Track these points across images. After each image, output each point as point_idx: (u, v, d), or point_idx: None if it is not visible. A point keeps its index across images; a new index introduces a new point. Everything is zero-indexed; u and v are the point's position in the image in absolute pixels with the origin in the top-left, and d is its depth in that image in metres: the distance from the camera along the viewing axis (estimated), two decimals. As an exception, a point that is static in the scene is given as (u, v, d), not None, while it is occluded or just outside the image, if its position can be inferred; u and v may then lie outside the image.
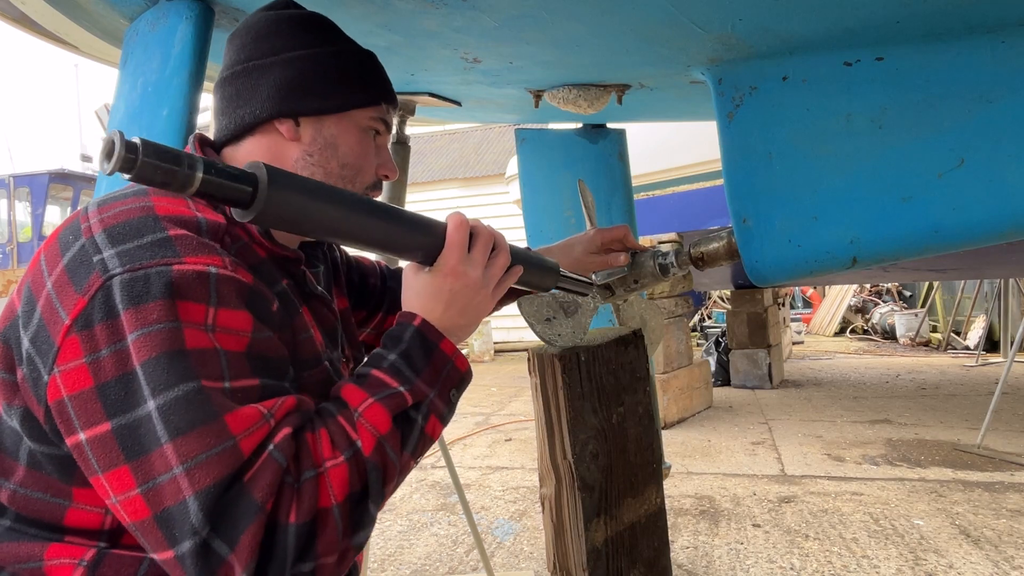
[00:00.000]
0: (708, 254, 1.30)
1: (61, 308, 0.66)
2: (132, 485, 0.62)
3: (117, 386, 0.63)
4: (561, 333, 1.17)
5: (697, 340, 9.11)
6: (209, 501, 0.61)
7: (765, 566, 2.49)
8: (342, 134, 0.88)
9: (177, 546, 0.62)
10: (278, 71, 0.85)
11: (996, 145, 1.12)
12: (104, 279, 0.65)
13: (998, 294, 7.84)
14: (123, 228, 0.69)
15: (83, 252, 0.68)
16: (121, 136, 0.53)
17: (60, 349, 0.65)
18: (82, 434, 0.64)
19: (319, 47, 0.87)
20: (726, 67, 1.40)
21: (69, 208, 12.61)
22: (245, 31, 0.89)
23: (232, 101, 0.86)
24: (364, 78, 0.90)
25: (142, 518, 0.63)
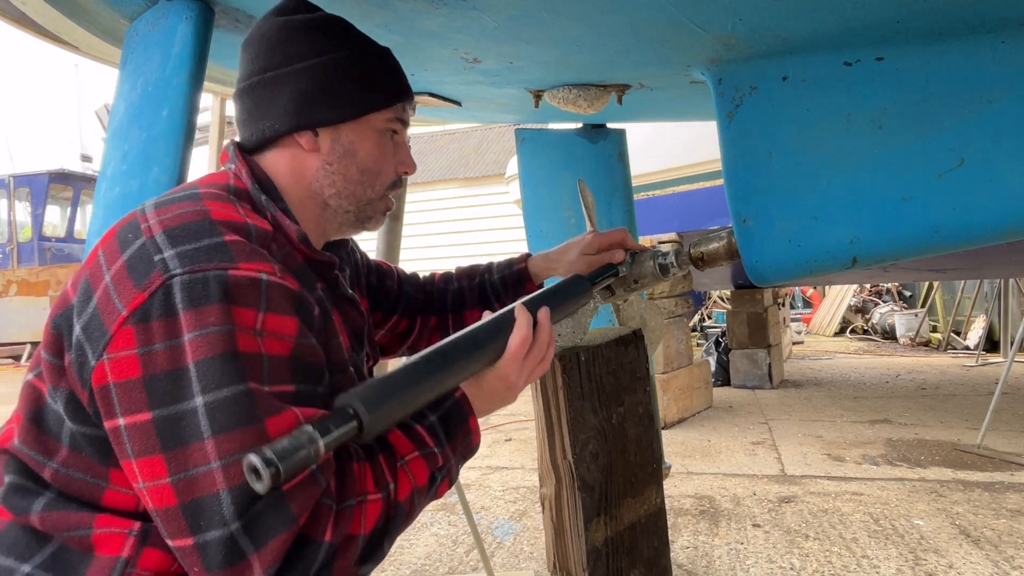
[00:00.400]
0: (708, 254, 1.30)
1: (118, 300, 0.69)
2: (163, 474, 0.66)
3: (165, 380, 0.67)
4: (561, 333, 1.17)
5: (697, 340, 9.11)
6: (243, 498, 0.65)
7: (765, 566, 2.49)
8: (360, 140, 0.90)
9: (200, 534, 0.65)
10: (292, 83, 0.86)
11: (996, 145, 1.12)
12: (165, 278, 0.69)
13: (998, 294, 7.84)
14: (182, 230, 0.73)
15: (143, 250, 0.72)
16: (262, 463, 0.58)
17: (113, 337, 0.68)
18: (121, 419, 0.67)
19: (332, 53, 0.87)
20: (726, 67, 1.40)
21: (69, 208, 12.61)
22: (258, 39, 0.90)
23: (251, 114, 0.89)
24: (378, 80, 0.91)
25: (167, 505, 0.66)
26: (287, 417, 0.69)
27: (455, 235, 10.45)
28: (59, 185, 12.28)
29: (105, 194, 1.25)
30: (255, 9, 1.24)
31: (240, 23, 1.30)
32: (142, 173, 1.19)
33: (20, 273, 11.07)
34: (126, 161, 1.22)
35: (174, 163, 1.17)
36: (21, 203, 12.21)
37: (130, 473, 0.69)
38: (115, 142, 1.27)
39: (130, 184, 1.20)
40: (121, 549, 0.73)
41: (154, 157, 1.18)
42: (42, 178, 11.98)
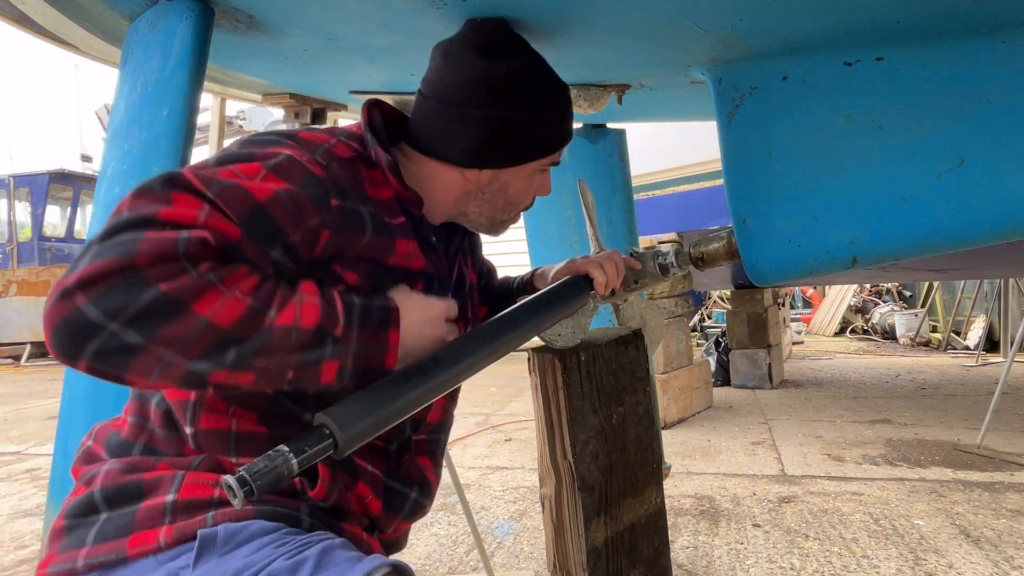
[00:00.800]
0: (708, 254, 1.30)
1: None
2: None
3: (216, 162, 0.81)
4: (561, 333, 1.17)
5: (697, 340, 9.11)
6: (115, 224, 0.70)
7: (765, 566, 2.49)
8: (515, 179, 1.01)
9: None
10: (473, 128, 0.95)
11: (996, 145, 1.12)
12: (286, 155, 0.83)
13: (998, 294, 7.84)
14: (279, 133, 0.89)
15: (312, 137, 0.90)
16: (236, 482, 0.67)
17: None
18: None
19: (518, 108, 0.96)
20: (726, 67, 1.40)
21: (69, 208, 12.60)
22: (458, 67, 0.98)
23: (431, 127, 0.98)
24: (550, 133, 1.01)
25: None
26: (192, 203, 0.73)
27: (455, 235, 10.44)
28: (59, 185, 12.28)
29: (105, 194, 1.25)
30: (255, 9, 1.24)
31: (240, 23, 1.30)
32: (142, 173, 1.19)
33: (20, 273, 11.07)
34: (126, 161, 1.22)
35: (174, 163, 1.17)
36: (21, 203, 12.21)
37: None
38: (115, 142, 1.27)
39: (130, 184, 1.20)
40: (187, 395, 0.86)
41: (154, 157, 1.18)
42: (42, 178, 11.97)
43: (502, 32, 1.04)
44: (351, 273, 0.86)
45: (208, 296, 0.68)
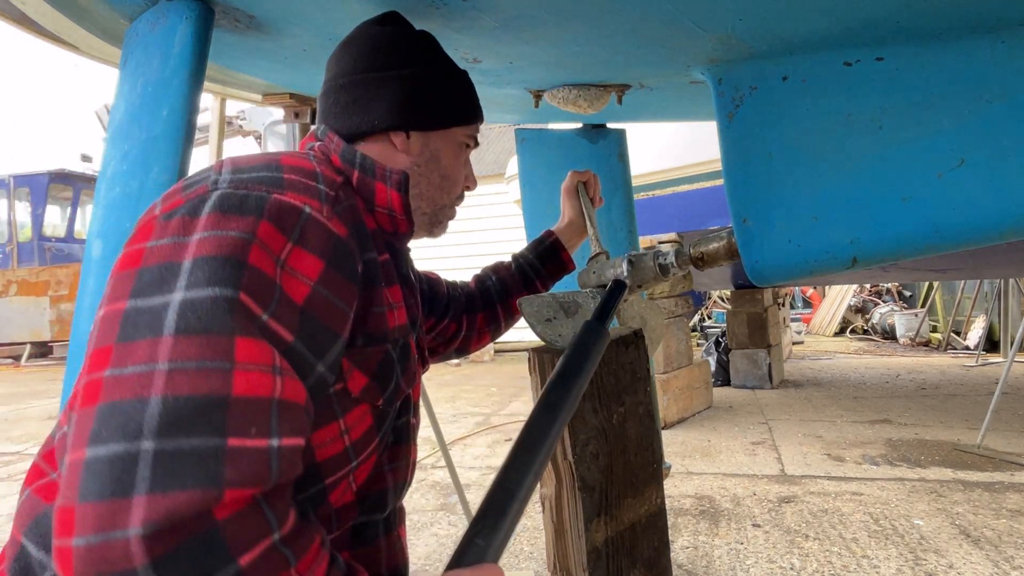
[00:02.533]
0: (708, 254, 1.30)
1: (159, 205, 0.67)
2: (103, 366, 0.54)
3: (157, 271, 0.58)
4: (562, 333, 1.17)
5: (697, 340, 9.11)
6: (174, 416, 0.50)
7: (765, 566, 2.49)
8: (444, 148, 0.98)
9: (94, 447, 0.49)
10: (394, 86, 0.92)
11: (996, 145, 1.12)
12: (209, 189, 0.66)
13: (998, 294, 7.83)
14: (248, 165, 0.72)
15: (203, 175, 0.71)
16: None
17: (136, 232, 0.65)
18: (102, 309, 0.59)
19: (430, 67, 0.96)
20: (726, 67, 1.40)
21: (69, 208, 12.61)
22: (362, 41, 0.96)
23: (348, 107, 0.93)
24: (466, 97, 1.00)
25: (86, 407, 0.52)
26: (265, 350, 0.57)
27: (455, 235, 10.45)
28: (59, 185, 12.28)
29: (105, 194, 1.25)
30: (255, 9, 1.24)
31: (240, 23, 1.30)
32: (142, 173, 1.19)
33: (20, 273, 11.07)
34: (126, 161, 1.22)
35: (174, 163, 1.17)
36: (21, 203, 12.21)
37: (86, 365, 0.57)
38: (115, 142, 1.27)
39: (130, 184, 1.20)
40: None
41: (154, 157, 1.18)
42: (42, 178, 11.97)
43: (394, 14, 1.03)
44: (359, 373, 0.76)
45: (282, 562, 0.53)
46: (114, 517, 0.47)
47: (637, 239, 2.19)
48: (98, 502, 0.47)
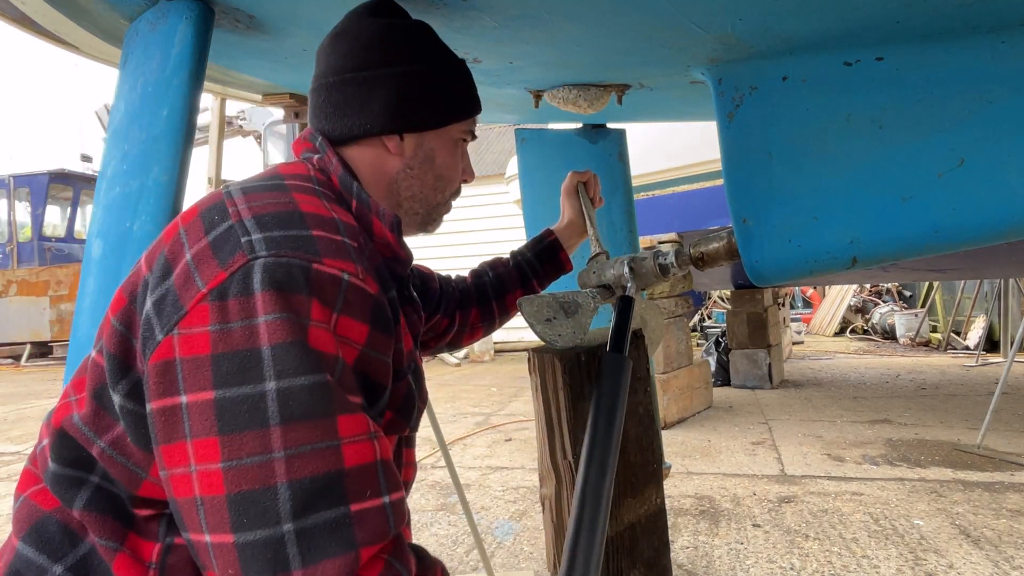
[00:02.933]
0: (708, 254, 1.30)
1: (199, 277, 0.66)
2: (215, 458, 0.60)
3: (236, 360, 0.62)
4: (562, 333, 1.16)
5: (697, 340, 9.11)
6: (304, 497, 0.59)
7: (765, 566, 2.49)
8: (439, 147, 0.94)
9: (241, 533, 0.58)
10: (387, 86, 0.88)
11: (996, 145, 1.12)
12: (249, 258, 0.66)
13: (998, 294, 7.83)
14: (271, 218, 0.71)
15: (231, 231, 0.70)
16: None
17: (188, 313, 0.65)
18: (184, 397, 0.62)
19: (425, 62, 0.91)
20: (726, 67, 1.40)
21: (69, 208, 12.61)
22: (353, 36, 0.91)
23: (339, 108, 0.90)
24: (462, 92, 0.96)
25: (213, 494, 0.60)
26: (360, 420, 0.65)
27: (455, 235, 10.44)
28: (59, 185, 12.28)
29: (105, 194, 1.25)
30: (255, 9, 1.24)
31: (240, 23, 1.30)
32: (142, 173, 1.19)
33: (20, 273, 11.07)
34: (126, 161, 1.22)
35: (174, 163, 1.17)
36: (21, 203, 12.21)
37: (178, 455, 0.62)
38: (115, 142, 1.27)
39: (130, 184, 1.20)
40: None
41: (154, 157, 1.18)
42: (42, 178, 11.97)
43: (388, 1, 0.97)
44: (389, 411, 0.79)
45: None
46: None
47: (637, 239, 2.19)
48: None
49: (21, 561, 0.70)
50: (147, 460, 0.69)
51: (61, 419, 0.75)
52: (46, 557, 0.70)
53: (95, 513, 0.71)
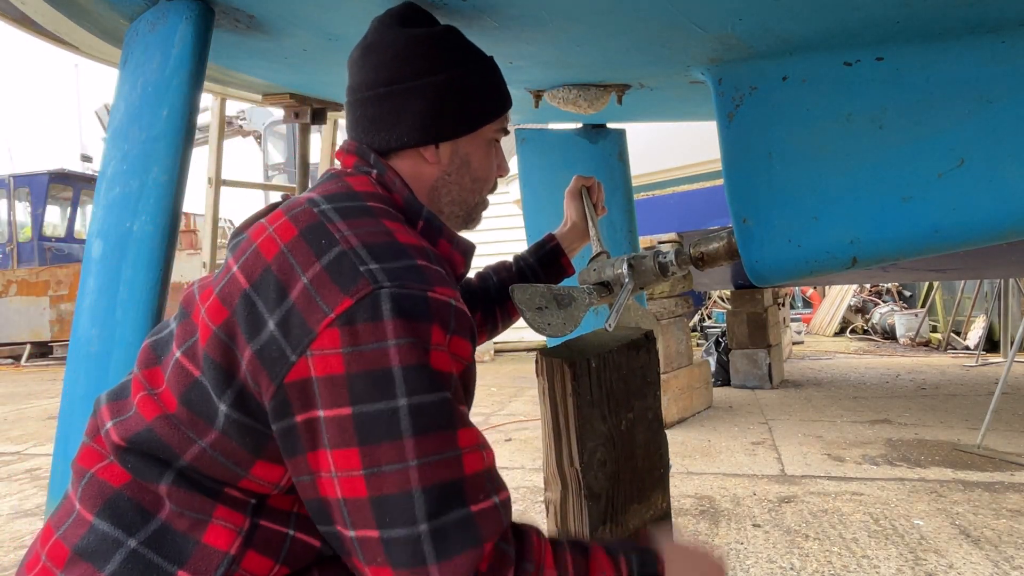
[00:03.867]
0: (708, 254, 1.30)
1: (323, 302, 0.72)
2: (356, 466, 0.68)
3: (369, 379, 0.69)
4: (551, 323, 1.13)
5: (697, 340, 9.11)
6: (435, 502, 0.68)
7: (765, 566, 2.49)
8: (474, 150, 0.97)
9: (386, 529, 0.68)
10: (420, 99, 0.91)
11: (996, 145, 1.12)
12: (374, 288, 0.72)
13: (998, 294, 7.83)
14: (381, 249, 0.76)
15: (347, 258, 0.74)
16: None
17: (319, 336, 0.70)
18: (321, 412, 0.70)
19: (454, 69, 0.93)
20: (726, 67, 1.40)
21: (69, 208, 12.60)
22: (382, 49, 0.94)
23: (375, 123, 0.93)
24: (492, 92, 0.98)
25: (355, 496, 0.69)
26: (473, 432, 0.74)
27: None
28: (59, 185, 12.27)
29: (105, 194, 1.25)
30: (255, 9, 1.24)
31: (240, 23, 1.30)
32: (142, 173, 1.19)
33: (20, 273, 11.07)
34: (126, 161, 1.22)
35: (174, 163, 1.17)
36: (21, 203, 12.21)
37: (320, 462, 0.70)
38: (115, 142, 1.27)
39: (130, 184, 1.20)
40: (229, 545, 0.74)
41: (154, 157, 1.18)
42: (42, 178, 11.97)
43: (412, 7, 1.00)
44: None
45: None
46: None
47: (637, 239, 2.19)
48: (409, 570, 0.68)
49: (96, 535, 0.75)
50: (249, 461, 0.75)
51: (153, 416, 0.78)
52: (122, 531, 0.74)
53: (183, 489, 0.75)
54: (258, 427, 0.74)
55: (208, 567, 0.73)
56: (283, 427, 0.72)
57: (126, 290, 1.17)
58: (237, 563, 0.74)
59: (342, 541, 0.71)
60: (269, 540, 0.76)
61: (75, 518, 0.77)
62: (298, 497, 0.76)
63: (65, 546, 0.75)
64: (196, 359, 0.77)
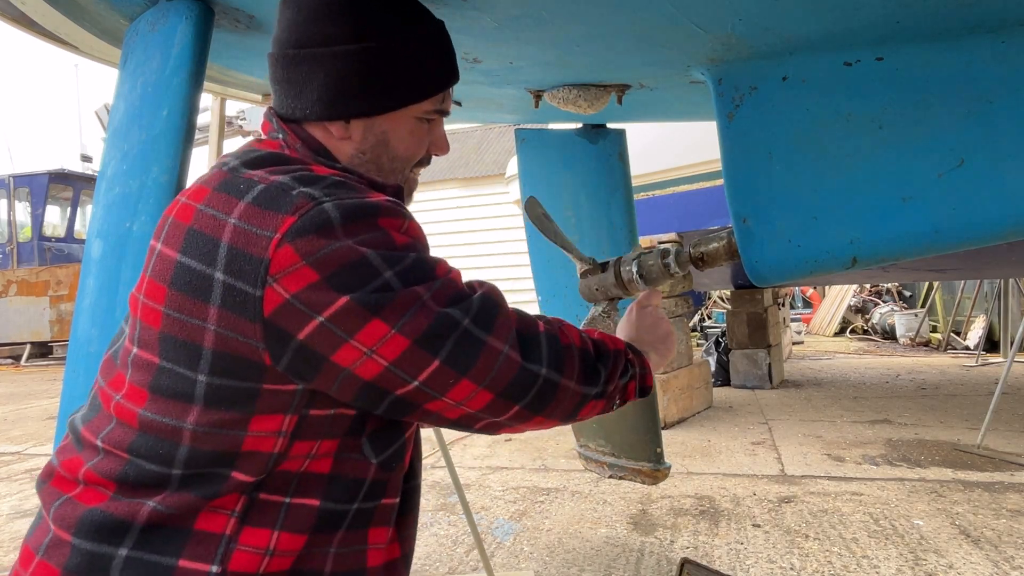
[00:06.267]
0: (708, 254, 1.30)
1: (261, 230, 0.70)
2: (386, 330, 0.71)
3: (344, 271, 0.69)
4: None
5: (697, 340, 9.10)
6: (457, 305, 0.75)
7: (765, 566, 2.49)
8: (394, 129, 0.87)
9: (441, 351, 0.72)
10: (326, 68, 0.82)
11: (996, 145, 1.12)
12: (313, 203, 0.71)
13: (998, 294, 7.84)
14: (306, 178, 0.75)
15: (273, 188, 0.73)
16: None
17: (272, 260, 0.69)
18: (319, 317, 0.69)
19: (375, 38, 0.82)
20: (726, 67, 1.40)
21: (69, 208, 12.60)
22: (296, 5, 0.84)
23: (283, 87, 0.85)
24: (426, 68, 0.87)
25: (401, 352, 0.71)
26: (443, 262, 0.78)
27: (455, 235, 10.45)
28: (59, 185, 12.28)
29: (105, 194, 1.25)
30: (255, 9, 1.24)
31: (240, 23, 1.30)
32: (142, 173, 1.19)
33: (20, 273, 11.07)
34: (126, 161, 1.22)
35: (174, 163, 1.17)
36: (21, 203, 12.21)
37: (351, 355, 0.71)
38: (115, 142, 1.27)
39: (130, 184, 1.20)
40: (224, 527, 0.73)
41: (154, 157, 1.18)
42: (42, 178, 11.97)
43: None
44: None
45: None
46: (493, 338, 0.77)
47: (637, 239, 2.19)
48: (481, 357, 0.75)
49: (82, 555, 0.72)
50: (243, 421, 0.73)
51: (133, 418, 0.75)
52: (108, 545, 0.72)
53: (179, 494, 0.73)
54: (242, 386, 0.72)
55: (207, 552, 0.72)
56: (291, 354, 0.71)
57: (126, 290, 1.17)
58: (235, 541, 0.73)
59: (415, 397, 0.74)
60: (265, 512, 0.75)
61: (52, 540, 0.75)
62: (305, 456, 0.76)
63: (53, 567, 0.73)
64: (152, 347, 0.74)
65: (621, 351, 0.91)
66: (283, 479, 0.76)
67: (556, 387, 0.80)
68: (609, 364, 0.87)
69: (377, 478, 0.81)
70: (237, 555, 0.73)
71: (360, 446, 0.79)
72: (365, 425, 0.79)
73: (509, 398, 0.77)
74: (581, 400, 0.83)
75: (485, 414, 0.78)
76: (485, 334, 0.75)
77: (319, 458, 0.77)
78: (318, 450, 0.76)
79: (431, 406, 0.76)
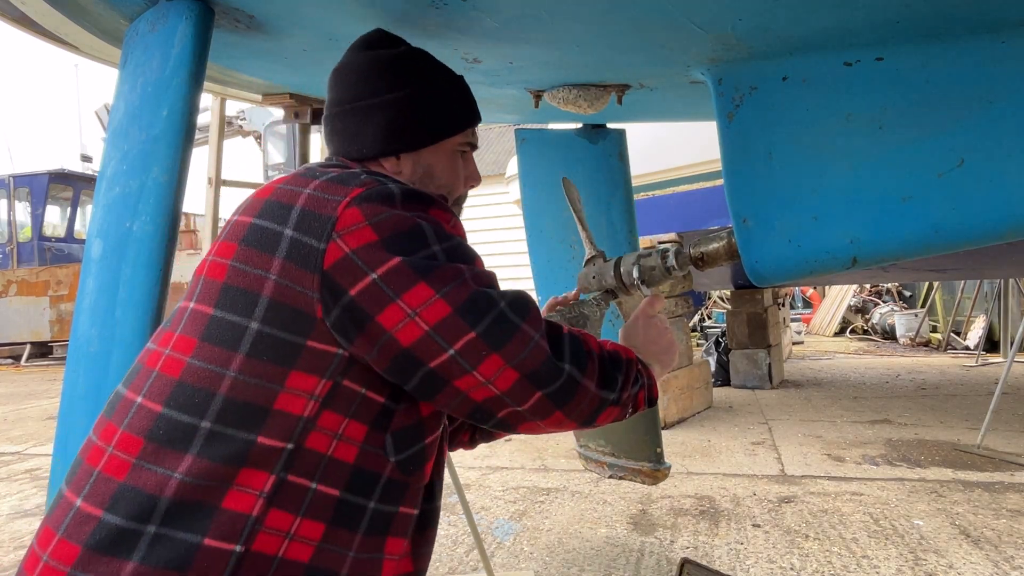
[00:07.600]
0: (708, 254, 1.30)
1: (331, 195, 0.81)
2: (431, 294, 0.78)
3: (401, 236, 0.80)
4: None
5: (697, 340, 9.10)
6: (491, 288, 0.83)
7: (765, 566, 2.49)
8: (437, 161, 1.04)
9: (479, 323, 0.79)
10: (379, 115, 1.00)
11: (996, 145, 1.12)
12: (379, 183, 0.83)
13: (998, 294, 7.84)
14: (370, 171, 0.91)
15: (346, 174, 0.86)
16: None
17: (339, 218, 0.79)
18: (373, 274, 0.78)
19: (414, 87, 1.02)
20: (726, 67, 1.40)
21: (69, 208, 12.60)
22: (349, 70, 1.04)
23: (342, 135, 1.03)
24: (453, 109, 1.06)
25: (442, 317, 0.78)
26: (480, 260, 0.87)
27: (455, 235, 10.45)
28: (59, 185, 12.27)
29: (105, 194, 1.25)
30: (255, 9, 1.24)
31: (240, 23, 1.30)
32: (142, 173, 1.19)
33: (20, 273, 11.07)
34: (126, 161, 1.22)
35: (174, 163, 1.17)
36: (21, 203, 12.20)
37: (395, 315, 0.78)
38: (115, 142, 1.27)
39: (130, 184, 1.20)
40: (251, 508, 0.76)
41: (154, 157, 1.18)
42: (42, 178, 11.96)
43: (380, 32, 1.08)
44: None
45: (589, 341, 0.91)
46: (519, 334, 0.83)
47: (637, 239, 2.19)
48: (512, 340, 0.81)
49: (108, 530, 0.75)
50: (282, 374, 0.78)
51: (179, 369, 0.79)
52: (135, 521, 0.74)
53: (206, 460, 0.76)
54: (288, 339, 0.78)
55: (233, 531, 0.75)
56: (340, 310, 0.78)
57: (126, 290, 1.17)
58: (260, 523, 0.76)
59: (448, 368, 0.79)
60: (291, 496, 0.78)
61: (76, 516, 0.77)
62: (333, 434, 0.80)
63: (74, 544, 0.75)
64: (211, 298, 0.81)
65: (633, 361, 0.95)
66: (312, 460, 0.79)
67: (577, 385, 0.85)
68: (623, 372, 0.92)
69: (393, 477, 0.85)
70: (261, 536, 0.76)
71: (383, 441, 0.84)
72: (391, 421, 0.84)
73: (534, 382, 0.81)
74: (600, 404, 0.88)
75: (508, 398, 0.82)
76: (519, 320, 0.81)
77: (346, 442, 0.81)
78: (345, 431, 0.81)
79: (460, 382, 0.80)
